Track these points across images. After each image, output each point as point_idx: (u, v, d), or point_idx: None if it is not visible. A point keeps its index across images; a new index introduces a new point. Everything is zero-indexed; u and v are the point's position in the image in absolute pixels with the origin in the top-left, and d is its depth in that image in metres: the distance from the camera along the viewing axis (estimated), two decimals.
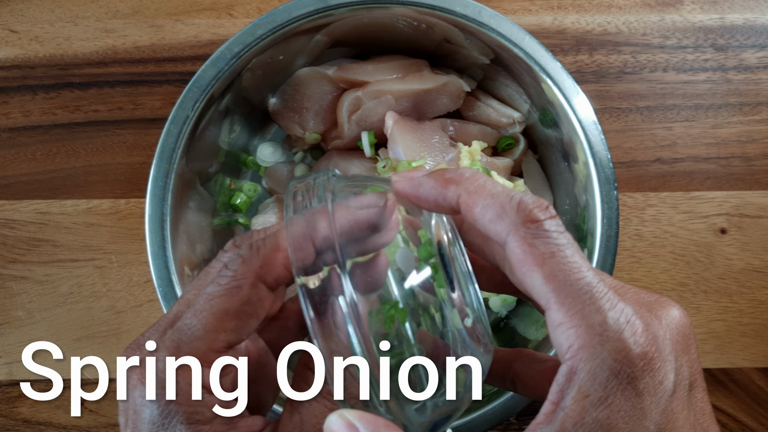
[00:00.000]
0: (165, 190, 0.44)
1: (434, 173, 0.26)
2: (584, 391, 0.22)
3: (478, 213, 0.25)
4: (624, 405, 0.22)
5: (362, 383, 0.24)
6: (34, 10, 0.55)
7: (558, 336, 0.23)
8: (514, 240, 0.24)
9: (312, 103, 0.51)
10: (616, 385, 0.22)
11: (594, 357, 0.22)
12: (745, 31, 0.56)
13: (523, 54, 0.44)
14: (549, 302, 0.23)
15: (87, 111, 0.55)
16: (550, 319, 0.23)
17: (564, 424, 0.22)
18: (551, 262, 0.23)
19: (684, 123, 0.55)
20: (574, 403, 0.22)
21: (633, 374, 0.22)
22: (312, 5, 0.44)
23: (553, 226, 0.24)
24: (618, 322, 0.22)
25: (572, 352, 0.22)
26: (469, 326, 0.27)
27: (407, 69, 0.50)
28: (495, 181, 0.26)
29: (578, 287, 0.23)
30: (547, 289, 0.23)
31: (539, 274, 0.23)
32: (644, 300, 0.25)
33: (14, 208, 0.54)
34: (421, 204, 0.27)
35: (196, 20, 0.55)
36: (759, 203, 0.55)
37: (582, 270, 0.23)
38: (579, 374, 0.22)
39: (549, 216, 0.24)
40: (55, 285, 0.53)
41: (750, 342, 0.54)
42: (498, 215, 0.24)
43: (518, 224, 0.24)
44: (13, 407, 0.53)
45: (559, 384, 0.23)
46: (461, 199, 0.25)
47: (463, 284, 0.28)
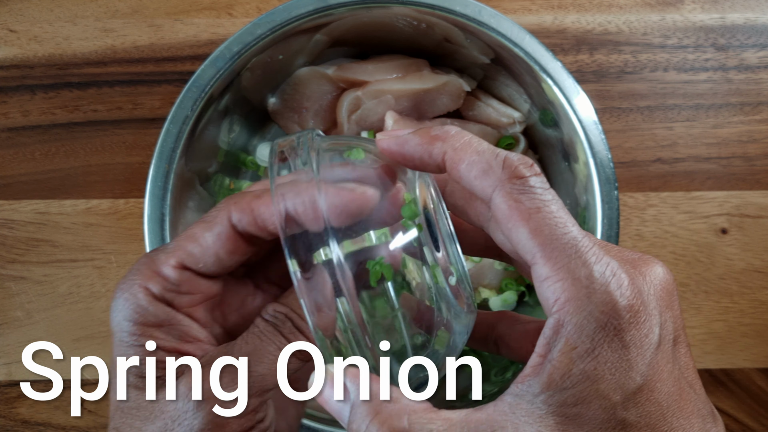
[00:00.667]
0: (164, 190, 0.43)
1: (420, 131, 0.26)
2: (571, 343, 0.22)
3: (464, 169, 0.25)
4: (611, 356, 0.22)
5: (351, 344, 0.25)
6: (33, 9, 0.55)
7: (544, 290, 0.23)
8: (499, 196, 0.24)
9: (311, 102, 0.50)
10: (602, 336, 0.22)
11: (581, 309, 0.22)
12: (746, 31, 0.56)
13: (523, 53, 0.44)
14: (535, 257, 0.23)
15: (86, 111, 0.55)
16: (536, 273, 0.23)
17: (551, 375, 0.22)
18: (537, 217, 0.23)
19: (685, 123, 0.55)
20: (561, 355, 0.22)
21: (620, 326, 0.22)
22: (311, 5, 0.44)
23: (539, 183, 0.24)
24: (604, 275, 0.22)
25: (559, 305, 0.23)
26: (453, 285, 0.27)
27: (407, 68, 0.50)
28: (480, 139, 0.25)
29: (564, 241, 0.23)
30: (533, 244, 0.23)
31: (525, 229, 0.23)
32: (629, 257, 0.25)
33: (13, 208, 0.54)
34: (406, 162, 0.27)
35: (195, 20, 0.55)
36: (760, 203, 0.55)
37: (567, 225, 0.23)
38: (566, 327, 0.22)
39: (534, 173, 0.24)
40: (54, 285, 0.53)
41: (751, 342, 0.54)
42: (484, 171, 0.24)
43: (504, 180, 0.24)
44: (12, 408, 0.52)
45: (546, 337, 0.23)
46: (447, 155, 0.25)
47: (447, 244, 0.28)
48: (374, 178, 0.27)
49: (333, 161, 0.27)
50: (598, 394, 0.22)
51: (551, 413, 0.22)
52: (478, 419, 0.23)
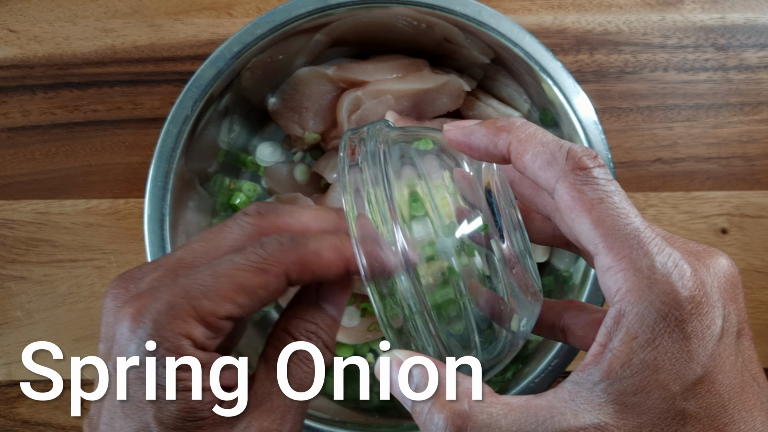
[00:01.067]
0: (164, 190, 0.43)
1: (485, 122, 0.27)
2: (632, 333, 0.22)
3: (528, 160, 0.25)
4: (671, 347, 0.22)
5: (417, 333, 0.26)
6: (33, 9, 0.55)
7: (606, 280, 0.23)
8: (563, 186, 0.24)
9: (311, 102, 0.50)
10: (663, 327, 0.22)
11: (642, 300, 0.22)
12: (746, 31, 0.56)
13: (523, 53, 0.44)
14: (597, 247, 0.23)
15: (86, 111, 0.55)
16: (598, 263, 0.24)
17: (612, 364, 0.23)
18: (600, 208, 0.23)
19: (685, 123, 0.55)
20: (622, 345, 0.23)
21: (681, 317, 0.22)
22: (311, 5, 0.44)
23: (602, 174, 0.24)
24: (666, 265, 0.23)
25: (620, 295, 0.23)
26: (519, 273, 0.28)
27: (407, 68, 0.50)
28: (544, 130, 0.26)
29: (626, 232, 0.23)
30: (596, 234, 0.23)
31: (588, 220, 0.23)
32: (692, 249, 0.25)
33: (13, 208, 0.54)
34: (472, 153, 0.27)
35: (195, 20, 0.55)
36: (760, 203, 0.55)
37: (630, 216, 0.23)
38: (627, 317, 0.23)
39: (597, 164, 0.24)
40: (54, 285, 0.53)
41: None
42: (548, 162, 0.24)
43: (567, 171, 0.24)
44: (12, 408, 0.52)
45: (607, 326, 0.23)
46: (512, 146, 0.26)
47: (512, 233, 0.28)
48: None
49: (402, 150, 0.28)
50: (658, 383, 0.22)
51: (611, 401, 0.23)
52: (538, 405, 0.23)
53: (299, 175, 0.53)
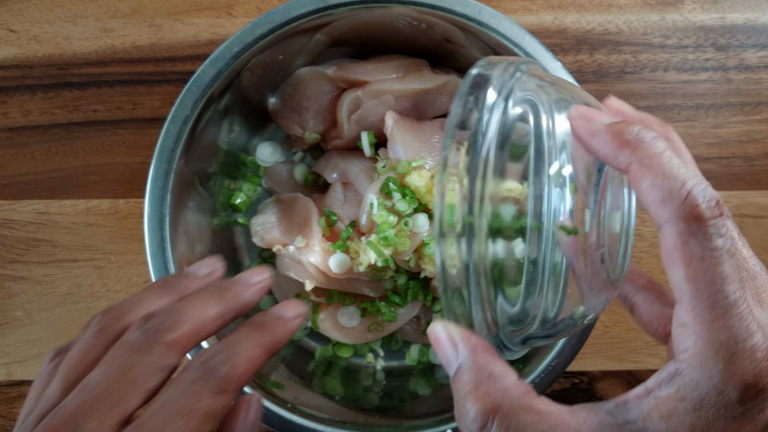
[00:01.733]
0: (164, 190, 0.43)
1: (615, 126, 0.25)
2: (681, 394, 0.23)
3: (644, 189, 0.24)
4: (716, 423, 0.23)
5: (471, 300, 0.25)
6: (33, 9, 0.55)
7: (678, 334, 0.23)
8: (669, 230, 0.23)
9: (311, 102, 0.50)
10: (714, 400, 0.22)
11: (703, 370, 0.22)
12: (746, 31, 0.56)
13: (523, 53, 0.44)
14: (682, 300, 0.23)
15: (86, 111, 0.55)
16: (677, 313, 0.23)
17: (651, 412, 0.23)
18: (698, 266, 0.23)
19: (685, 123, 0.55)
20: (668, 400, 0.23)
21: (737, 397, 0.22)
22: (311, 5, 0.44)
23: (715, 230, 0.23)
24: (741, 347, 0.22)
25: (685, 356, 0.23)
26: (597, 266, 0.27)
27: (407, 68, 0.50)
28: (674, 155, 0.24)
29: (714, 299, 0.23)
30: (685, 288, 0.23)
31: (682, 272, 0.23)
32: None
33: (13, 208, 0.54)
34: (590, 150, 0.26)
35: (195, 20, 0.55)
36: (760, 203, 0.55)
37: (726, 282, 0.23)
38: (683, 378, 0.23)
39: (714, 215, 0.23)
40: (54, 285, 0.53)
41: None
42: (663, 200, 0.23)
43: (679, 217, 0.23)
44: (12, 408, 0.52)
45: (660, 377, 0.23)
46: (632, 167, 0.24)
47: (607, 216, 0.28)
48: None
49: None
50: None
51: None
52: (567, 424, 0.23)
53: (299, 175, 0.53)
